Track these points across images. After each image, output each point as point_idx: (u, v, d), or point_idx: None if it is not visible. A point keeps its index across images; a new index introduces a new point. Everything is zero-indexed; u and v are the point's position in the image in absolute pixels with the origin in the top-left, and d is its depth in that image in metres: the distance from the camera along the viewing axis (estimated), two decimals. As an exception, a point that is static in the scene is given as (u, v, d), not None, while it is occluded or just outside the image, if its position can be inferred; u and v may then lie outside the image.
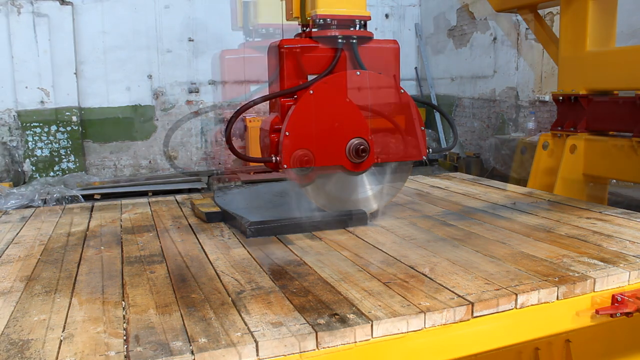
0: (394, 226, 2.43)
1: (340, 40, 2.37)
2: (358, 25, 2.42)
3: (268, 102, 2.51)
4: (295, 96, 2.33)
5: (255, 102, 2.36)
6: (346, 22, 2.39)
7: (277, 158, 2.31)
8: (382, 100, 2.38)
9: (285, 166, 2.28)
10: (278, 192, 2.99)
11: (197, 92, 11.15)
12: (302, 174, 2.33)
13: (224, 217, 2.56)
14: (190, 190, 9.16)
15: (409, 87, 13.02)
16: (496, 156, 9.22)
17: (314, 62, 2.38)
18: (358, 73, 2.34)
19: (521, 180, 4.23)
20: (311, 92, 2.28)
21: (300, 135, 2.28)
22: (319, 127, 2.30)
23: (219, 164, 11.04)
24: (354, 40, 2.39)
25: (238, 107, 2.33)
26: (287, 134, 2.26)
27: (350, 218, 2.42)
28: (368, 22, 2.42)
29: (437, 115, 12.21)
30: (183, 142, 11.09)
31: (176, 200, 3.12)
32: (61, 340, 1.37)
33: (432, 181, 3.58)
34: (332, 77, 2.34)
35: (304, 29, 2.46)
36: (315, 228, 2.36)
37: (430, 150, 2.54)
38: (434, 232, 2.32)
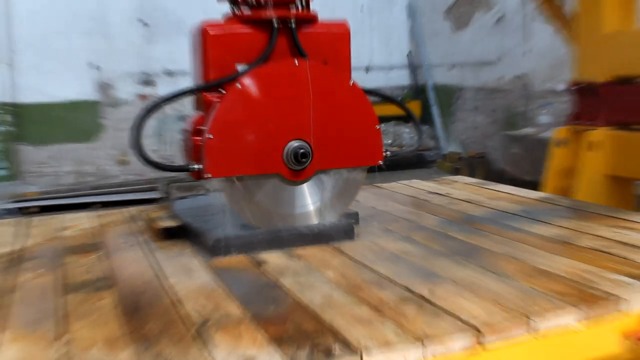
0: (386, 240, 2.43)
1: (275, 24, 2.30)
2: (300, 5, 2.36)
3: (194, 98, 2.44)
4: (222, 91, 2.26)
5: (165, 100, 2.28)
6: (284, 1, 2.32)
7: (199, 166, 2.24)
8: (327, 94, 2.31)
9: (209, 175, 2.22)
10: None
11: (152, 84, 11.10)
12: (230, 185, 2.28)
13: (185, 231, 2.54)
14: (145, 201, 9.10)
15: (402, 76, 13.09)
16: (505, 156, 9.27)
17: (244, 50, 2.30)
18: (296, 63, 2.29)
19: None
20: (239, 85, 2.22)
21: (226, 138, 2.21)
22: (250, 128, 2.23)
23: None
24: (292, 23, 2.32)
25: (147, 105, 2.24)
26: (210, 136, 2.19)
27: (335, 232, 2.40)
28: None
29: (435, 110, 12.29)
30: (136, 144, 11.04)
31: (128, 213, 3.09)
32: (-11, 385, 1.34)
33: (429, 186, 3.59)
34: (265, 67, 2.27)
35: (234, 9, 2.38)
36: (294, 244, 2.35)
37: (388, 153, 2.49)
38: (432, 246, 2.33)
